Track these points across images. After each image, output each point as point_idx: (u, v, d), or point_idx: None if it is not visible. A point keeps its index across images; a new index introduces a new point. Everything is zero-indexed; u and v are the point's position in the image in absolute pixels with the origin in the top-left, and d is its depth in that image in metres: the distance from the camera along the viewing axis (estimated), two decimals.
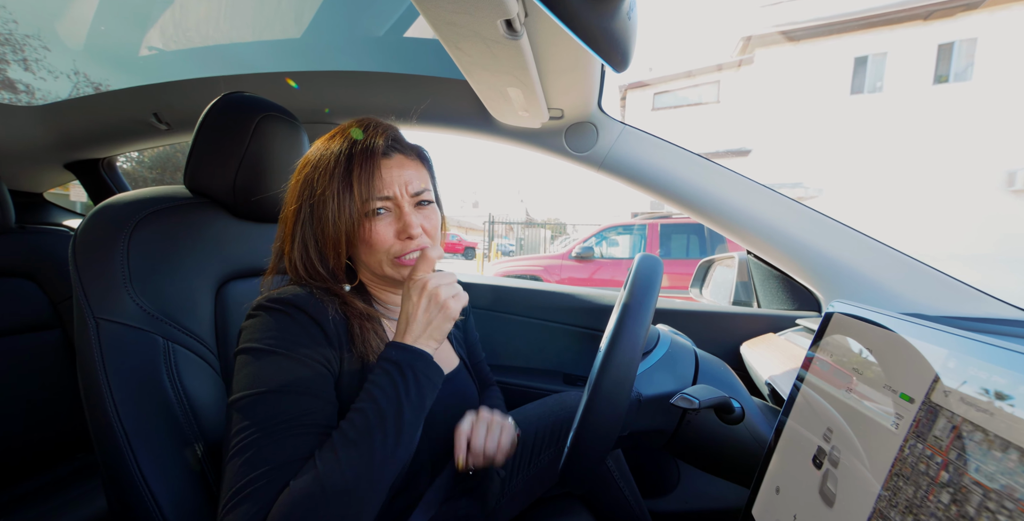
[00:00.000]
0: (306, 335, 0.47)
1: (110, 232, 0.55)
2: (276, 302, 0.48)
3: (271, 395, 0.43)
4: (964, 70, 8.36)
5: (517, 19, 0.52)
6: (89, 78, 1.43)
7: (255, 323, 0.47)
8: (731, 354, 0.96)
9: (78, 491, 0.92)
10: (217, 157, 0.65)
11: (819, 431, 0.35)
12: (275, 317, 0.47)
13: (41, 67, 1.57)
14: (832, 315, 0.41)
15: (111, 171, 1.51)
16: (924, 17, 8.47)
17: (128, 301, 0.53)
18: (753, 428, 0.54)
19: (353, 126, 0.55)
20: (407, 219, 0.53)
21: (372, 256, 0.54)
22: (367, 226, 0.53)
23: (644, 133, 0.92)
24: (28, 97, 1.67)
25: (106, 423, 0.50)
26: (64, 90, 1.47)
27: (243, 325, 0.49)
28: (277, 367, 0.44)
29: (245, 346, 0.47)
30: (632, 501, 0.74)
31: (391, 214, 0.54)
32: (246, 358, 0.46)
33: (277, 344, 0.46)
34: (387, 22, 1.05)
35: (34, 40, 1.60)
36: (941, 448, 0.23)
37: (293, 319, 0.47)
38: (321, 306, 0.49)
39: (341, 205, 0.51)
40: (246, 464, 0.41)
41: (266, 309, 0.48)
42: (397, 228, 0.54)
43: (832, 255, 0.82)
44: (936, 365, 0.26)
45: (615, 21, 0.37)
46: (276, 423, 0.42)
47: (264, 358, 0.45)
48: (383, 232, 0.53)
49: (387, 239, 0.53)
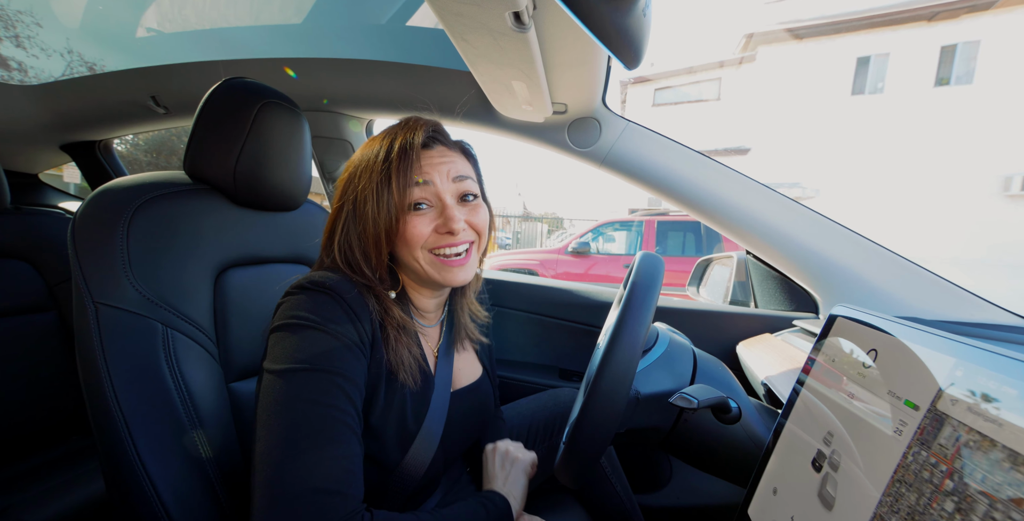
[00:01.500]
0: (344, 316, 0.46)
1: (110, 217, 0.54)
2: (315, 284, 0.47)
3: (313, 374, 0.43)
4: (965, 73, 8.36)
5: (526, 12, 0.51)
6: (83, 57, 1.40)
7: (294, 301, 0.46)
8: (727, 353, 0.97)
9: (75, 472, 0.93)
10: (217, 143, 0.64)
11: (819, 435, 0.36)
12: (314, 297, 0.46)
13: (33, 44, 1.53)
14: (835, 319, 0.41)
15: (108, 154, 1.48)
16: (928, 18, 8.43)
17: (127, 286, 0.53)
18: (749, 428, 0.55)
19: (396, 126, 0.55)
20: (449, 212, 0.51)
21: (410, 252, 0.52)
22: (406, 220, 0.51)
23: (647, 130, 0.92)
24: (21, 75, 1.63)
25: (105, 408, 0.50)
26: (57, 69, 1.44)
27: (280, 303, 0.48)
28: (316, 342, 0.44)
29: (283, 322, 0.45)
30: (623, 496, 0.75)
31: (433, 210, 0.52)
32: (284, 333, 0.45)
33: (317, 320, 0.45)
34: (390, 10, 1.03)
35: (26, 16, 1.55)
36: (946, 456, 0.24)
37: (332, 300, 0.46)
38: (360, 298, 0.48)
39: (380, 200, 0.50)
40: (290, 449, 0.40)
41: (305, 289, 0.47)
42: (438, 223, 0.52)
43: (831, 257, 0.82)
44: (943, 373, 0.26)
45: (631, 18, 0.37)
46: (317, 405, 0.41)
47: (302, 332, 0.44)
48: (421, 227, 0.51)
49: (424, 233, 0.51)
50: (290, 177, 0.69)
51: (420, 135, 0.52)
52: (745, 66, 10.37)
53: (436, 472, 0.57)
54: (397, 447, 0.51)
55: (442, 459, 0.57)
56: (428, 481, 0.56)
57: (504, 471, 0.59)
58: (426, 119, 0.55)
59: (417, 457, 0.53)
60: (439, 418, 0.55)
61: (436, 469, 0.56)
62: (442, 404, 0.56)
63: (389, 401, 0.51)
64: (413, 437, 0.52)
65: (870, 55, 8.98)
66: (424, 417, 0.54)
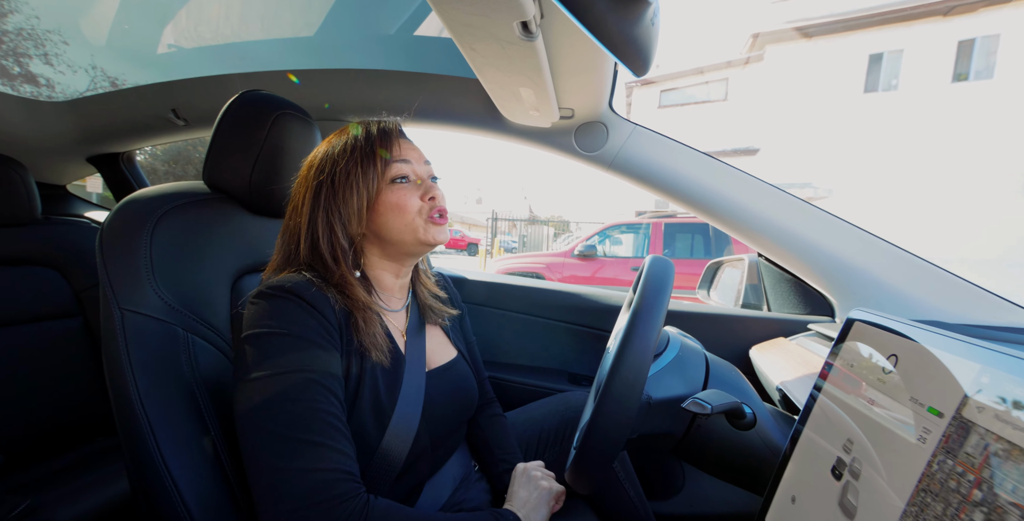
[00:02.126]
0: (309, 318, 0.48)
1: (134, 226, 0.57)
2: (275, 289, 0.49)
3: (282, 376, 0.44)
4: (985, 68, 8.15)
5: (533, 21, 0.52)
6: (106, 72, 1.45)
7: (256, 310, 0.48)
8: (739, 358, 0.95)
9: (100, 472, 0.95)
10: (234, 154, 0.66)
11: (839, 442, 0.35)
12: (274, 303, 0.48)
13: (60, 61, 1.60)
14: (853, 323, 0.40)
15: (130, 165, 1.54)
16: (944, 13, 8.25)
17: (150, 293, 0.55)
18: (765, 434, 0.54)
19: (359, 121, 0.60)
20: (428, 183, 0.59)
21: (402, 219, 0.56)
22: (394, 191, 0.56)
23: (655, 133, 0.92)
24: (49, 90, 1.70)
25: (130, 410, 0.51)
26: (82, 84, 1.50)
27: (245, 313, 0.49)
28: (283, 348, 0.45)
29: (250, 332, 0.47)
30: (637, 502, 0.74)
31: (411, 183, 0.58)
32: (253, 344, 0.46)
33: (282, 326, 0.46)
34: (398, 20, 1.05)
35: (55, 35, 1.62)
36: (974, 466, 0.23)
37: (294, 304, 0.48)
38: (320, 294, 0.50)
39: (366, 174, 0.55)
40: (273, 443, 0.41)
41: (265, 296, 0.49)
42: (420, 192, 0.58)
43: (846, 259, 0.81)
44: (968, 380, 0.26)
45: (639, 27, 0.37)
46: (299, 404, 0.43)
47: (270, 341, 0.46)
48: (410, 195, 0.57)
49: (415, 202, 0.57)
50: None
51: (393, 126, 0.60)
52: (752, 66, 10.27)
53: (422, 451, 0.57)
54: (376, 427, 0.52)
55: (427, 439, 0.58)
56: (414, 461, 0.57)
57: (527, 493, 0.60)
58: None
59: (397, 436, 0.54)
60: (415, 397, 0.57)
61: (421, 448, 0.57)
62: (417, 382, 0.58)
63: (364, 384, 0.52)
64: (389, 416, 0.53)
65: (883, 52, 8.82)
66: (398, 395, 0.55)
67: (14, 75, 1.86)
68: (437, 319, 0.68)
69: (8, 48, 1.83)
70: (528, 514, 0.56)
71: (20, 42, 1.75)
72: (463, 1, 0.47)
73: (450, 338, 0.71)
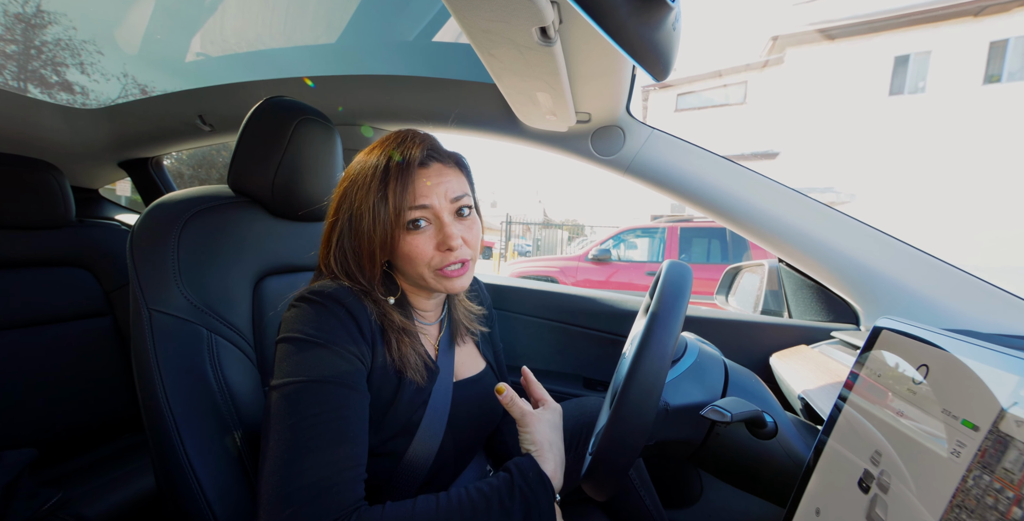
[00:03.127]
0: (343, 329, 0.49)
1: (163, 229, 0.59)
2: (316, 294, 0.50)
3: (312, 384, 0.45)
4: (1020, 69, 7.81)
5: (552, 26, 0.52)
6: (136, 80, 1.52)
7: (297, 314, 0.49)
8: (759, 365, 0.93)
9: (127, 468, 0.98)
10: (258, 158, 0.68)
11: (865, 454, 0.34)
12: (315, 309, 0.49)
13: (95, 70, 1.68)
14: (880, 331, 0.39)
15: (159, 169, 1.60)
16: (975, 13, 7.96)
17: (177, 294, 0.57)
18: (787, 444, 0.52)
19: (391, 139, 0.56)
20: (447, 230, 0.53)
21: (413, 269, 0.55)
22: (407, 240, 0.53)
23: (672, 137, 0.91)
24: (83, 98, 1.79)
25: (156, 407, 0.53)
26: (114, 91, 1.57)
27: (285, 315, 0.51)
28: (318, 358, 0.46)
29: (287, 335, 0.48)
30: (653, 510, 0.73)
31: (431, 227, 0.54)
32: (288, 347, 0.47)
33: (317, 336, 0.47)
34: (417, 27, 1.07)
35: (90, 45, 1.71)
36: (1013, 482, 0.22)
37: (331, 313, 0.49)
38: (359, 303, 0.51)
39: (376, 218, 0.51)
40: (286, 451, 0.42)
41: (307, 301, 0.50)
42: (437, 241, 0.54)
43: (871, 265, 0.78)
44: (1005, 392, 0.25)
45: (660, 32, 0.37)
46: (318, 412, 0.44)
47: (305, 348, 0.47)
48: (423, 246, 0.53)
49: (427, 252, 0.53)
50: (323, 188, 0.73)
51: (417, 153, 0.53)
52: (772, 69, 10.08)
53: (445, 461, 0.58)
54: (402, 437, 0.53)
55: (452, 448, 0.58)
56: (438, 470, 0.57)
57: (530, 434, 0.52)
58: (421, 133, 0.56)
59: (423, 445, 0.54)
60: (442, 407, 0.57)
61: (445, 458, 0.57)
62: (444, 394, 0.58)
63: (394, 397, 0.53)
64: (416, 426, 0.54)
65: (909, 54, 8.55)
66: (426, 406, 0.55)
67: (51, 83, 1.96)
68: (469, 332, 0.69)
69: (47, 58, 1.94)
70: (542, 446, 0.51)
71: (58, 52, 1.85)
72: (483, 7, 0.48)
73: (480, 350, 0.71)
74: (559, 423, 0.57)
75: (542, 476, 0.48)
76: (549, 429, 0.54)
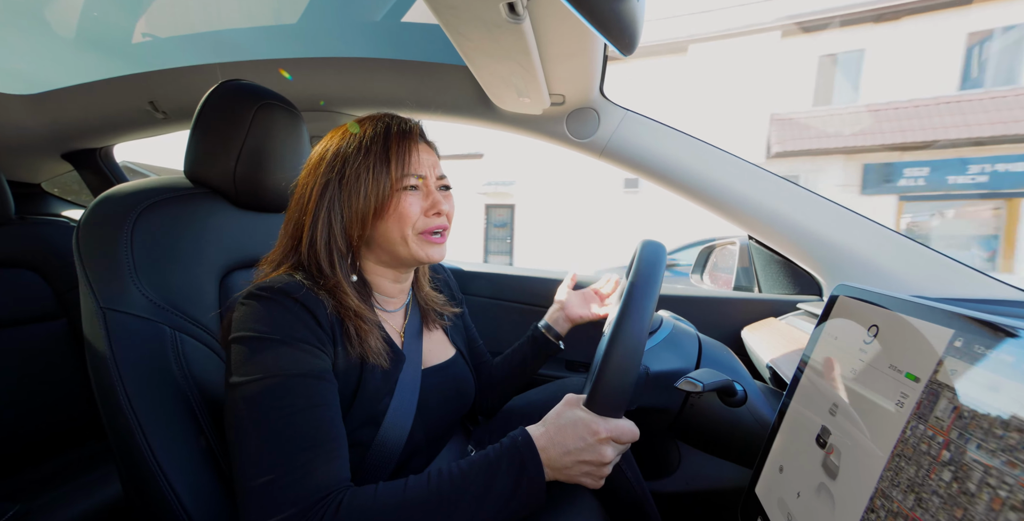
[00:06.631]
0: (299, 322, 0.47)
1: (113, 223, 0.55)
2: (266, 290, 0.47)
3: (280, 379, 0.44)
4: None
5: (520, 2, 0.51)
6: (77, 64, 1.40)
7: (247, 311, 0.47)
8: (732, 338, 0.97)
9: (90, 477, 0.95)
10: (216, 146, 0.65)
11: (823, 412, 0.36)
12: (266, 305, 0.47)
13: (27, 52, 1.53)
14: (836, 298, 0.41)
15: (108, 161, 1.49)
16: None
17: (134, 291, 0.54)
18: (755, 410, 0.55)
19: (379, 117, 0.58)
20: (436, 197, 0.57)
21: (399, 230, 0.55)
22: (398, 199, 0.55)
23: (646, 118, 0.91)
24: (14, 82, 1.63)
25: (118, 411, 0.50)
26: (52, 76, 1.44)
27: (234, 314, 0.48)
28: (278, 354, 0.45)
29: (239, 335, 0.46)
30: (634, 482, 0.76)
31: (420, 192, 0.57)
32: (243, 348, 0.45)
33: (273, 332, 0.45)
34: (384, 7, 1.02)
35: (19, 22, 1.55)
36: (943, 428, 0.24)
37: (285, 307, 0.47)
38: (313, 296, 0.49)
39: (377, 178, 0.53)
40: (267, 450, 0.41)
41: (257, 297, 0.47)
42: (425, 205, 0.57)
43: (833, 239, 0.82)
44: (941, 344, 0.27)
45: (625, 3, 0.37)
46: (285, 406, 0.43)
47: (264, 346, 0.45)
48: (414, 205, 0.55)
49: (415, 213, 0.56)
50: (291, 178, 0.70)
51: (416, 127, 0.58)
52: None
53: (416, 448, 0.58)
54: (369, 426, 0.53)
55: (423, 436, 0.59)
56: (409, 457, 0.58)
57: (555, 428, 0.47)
58: (405, 116, 0.60)
59: (391, 434, 0.54)
60: (410, 395, 0.57)
61: (416, 445, 0.58)
62: (412, 381, 0.58)
63: (359, 384, 0.52)
64: (383, 415, 0.54)
65: None
66: (392, 395, 0.55)
67: None
68: (437, 319, 0.68)
69: None
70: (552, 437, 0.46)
71: None
72: None
73: (449, 337, 0.71)
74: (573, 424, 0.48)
75: (530, 442, 0.46)
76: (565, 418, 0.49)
